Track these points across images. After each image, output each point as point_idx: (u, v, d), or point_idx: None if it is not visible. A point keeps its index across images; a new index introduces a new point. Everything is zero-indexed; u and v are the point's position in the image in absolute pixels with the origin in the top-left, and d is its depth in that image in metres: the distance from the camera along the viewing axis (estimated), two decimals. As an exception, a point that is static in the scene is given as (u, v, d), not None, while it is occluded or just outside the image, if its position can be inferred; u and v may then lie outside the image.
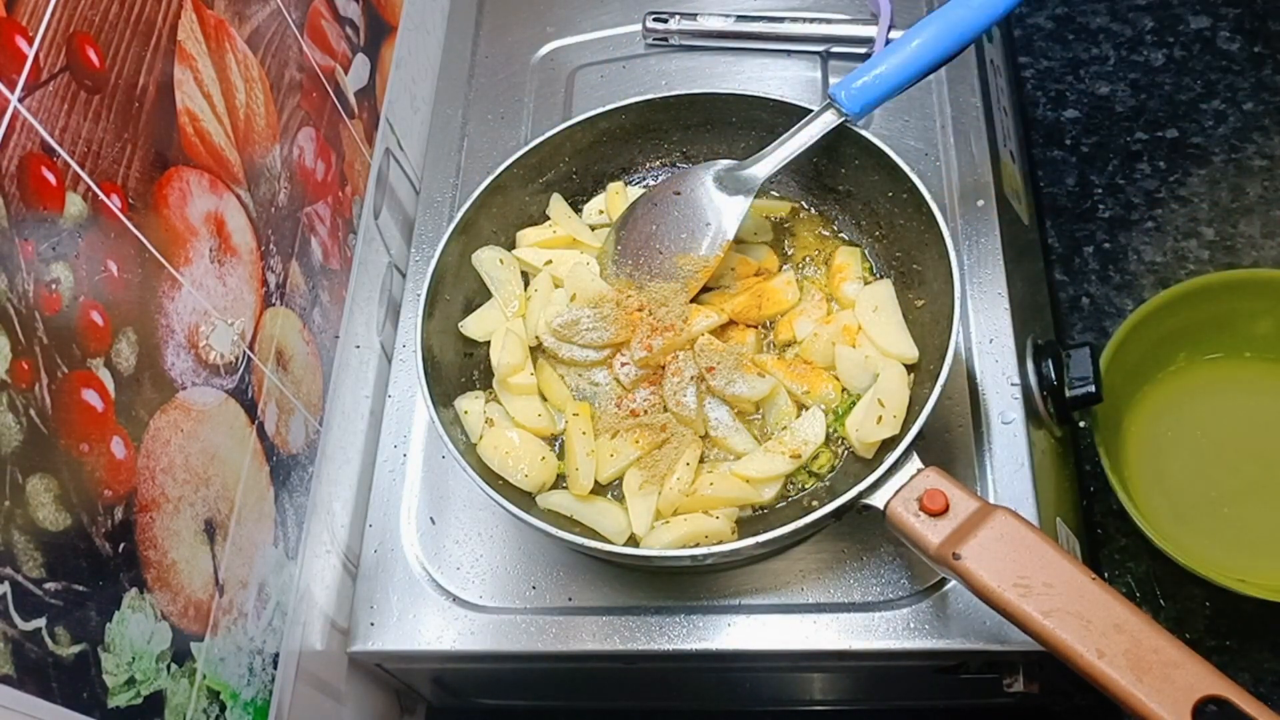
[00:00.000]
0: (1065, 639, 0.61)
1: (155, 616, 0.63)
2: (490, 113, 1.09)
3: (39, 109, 0.56)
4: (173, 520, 0.66)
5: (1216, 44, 1.26)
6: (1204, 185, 1.17)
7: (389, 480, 0.91)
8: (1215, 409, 1.03)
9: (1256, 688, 0.92)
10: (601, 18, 1.13)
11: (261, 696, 0.75)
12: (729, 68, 1.08)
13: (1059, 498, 0.90)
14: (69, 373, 0.58)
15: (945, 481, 0.70)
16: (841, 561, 0.82)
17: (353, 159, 0.96)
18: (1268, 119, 1.20)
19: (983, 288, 0.91)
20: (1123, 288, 1.13)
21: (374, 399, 0.97)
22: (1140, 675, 0.60)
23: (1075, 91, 1.27)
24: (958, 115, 1.00)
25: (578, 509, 0.80)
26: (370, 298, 0.98)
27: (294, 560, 0.82)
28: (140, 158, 0.65)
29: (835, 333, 0.83)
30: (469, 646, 0.83)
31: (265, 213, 0.80)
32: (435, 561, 0.87)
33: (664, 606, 0.82)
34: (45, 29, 0.57)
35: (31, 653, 0.53)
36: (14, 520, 0.53)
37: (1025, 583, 0.63)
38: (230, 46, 0.75)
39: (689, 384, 0.81)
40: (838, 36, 1.05)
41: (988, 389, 0.87)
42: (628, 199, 0.92)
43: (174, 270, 0.68)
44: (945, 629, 0.78)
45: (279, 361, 0.81)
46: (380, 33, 1.02)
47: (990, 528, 0.66)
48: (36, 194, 0.56)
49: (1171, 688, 0.59)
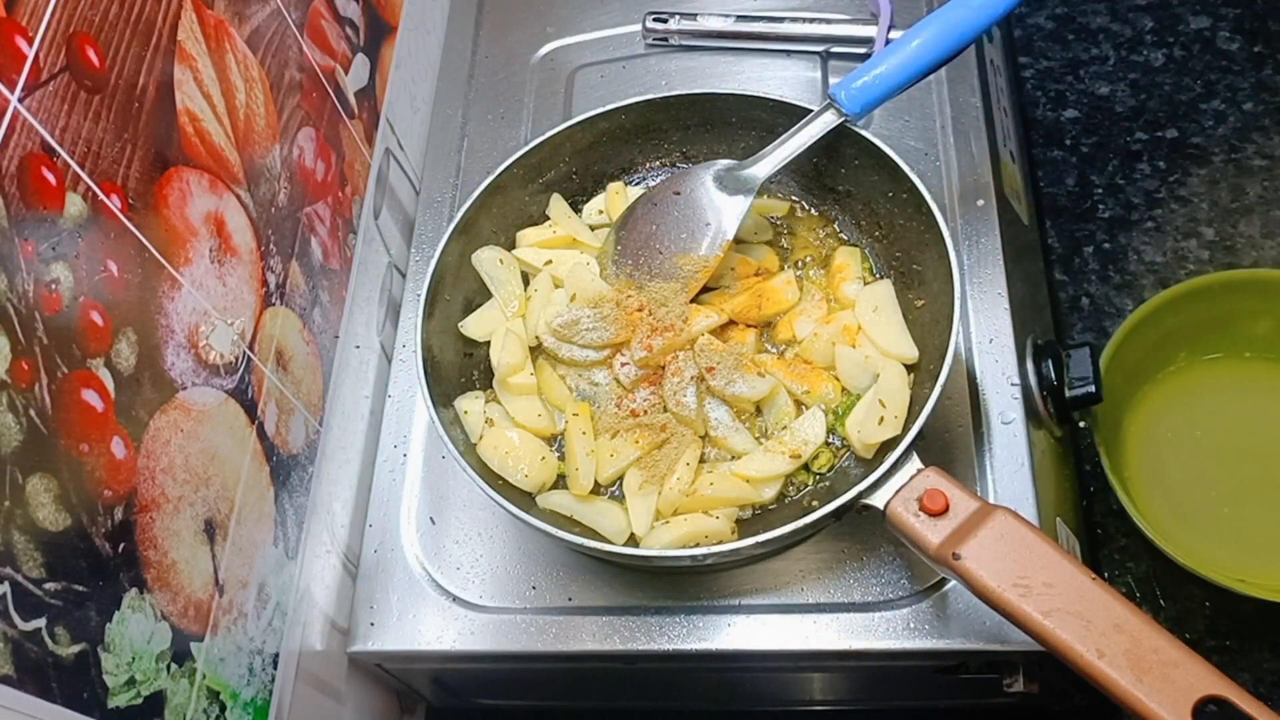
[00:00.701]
0: (1065, 639, 0.61)
1: (155, 616, 0.63)
2: (490, 113, 1.09)
3: (39, 109, 0.56)
4: (173, 520, 0.66)
5: (1216, 44, 1.27)
6: (1204, 185, 1.17)
7: (389, 480, 0.91)
8: (1215, 409, 1.03)
9: (1256, 688, 0.92)
10: (601, 18, 1.13)
11: (261, 696, 0.75)
12: (729, 68, 1.08)
13: (1059, 498, 0.90)
14: (69, 373, 0.58)
15: (945, 481, 0.70)
16: (841, 561, 0.82)
17: (353, 159, 0.96)
18: (1268, 119, 1.21)
19: (983, 288, 0.91)
20: (1123, 288, 1.13)
21: (374, 399, 0.97)
22: (1140, 675, 0.60)
23: (1075, 91, 1.27)
24: (958, 115, 1.00)
25: (578, 509, 0.80)
26: (370, 298, 0.98)
27: (294, 560, 0.82)
28: (140, 158, 0.65)
29: (835, 333, 0.83)
30: (469, 646, 0.83)
31: (265, 213, 0.80)
32: (435, 561, 0.87)
33: (664, 606, 0.82)
34: (45, 29, 0.57)
35: (31, 653, 0.53)
36: (14, 520, 0.53)
37: (1025, 583, 0.63)
38: (230, 46, 0.75)
39: (689, 384, 0.81)
40: (838, 36, 1.05)
41: (988, 389, 0.87)
42: (628, 199, 0.92)
43: (174, 270, 0.68)
44: (945, 629, 0.78)
45: (279, 361, 0.81)
46: (380, 33, 1.02)
47: (990, 528, 0.66)
48: (36, 194, 0.56)
49: (1171, 688, 0.59)
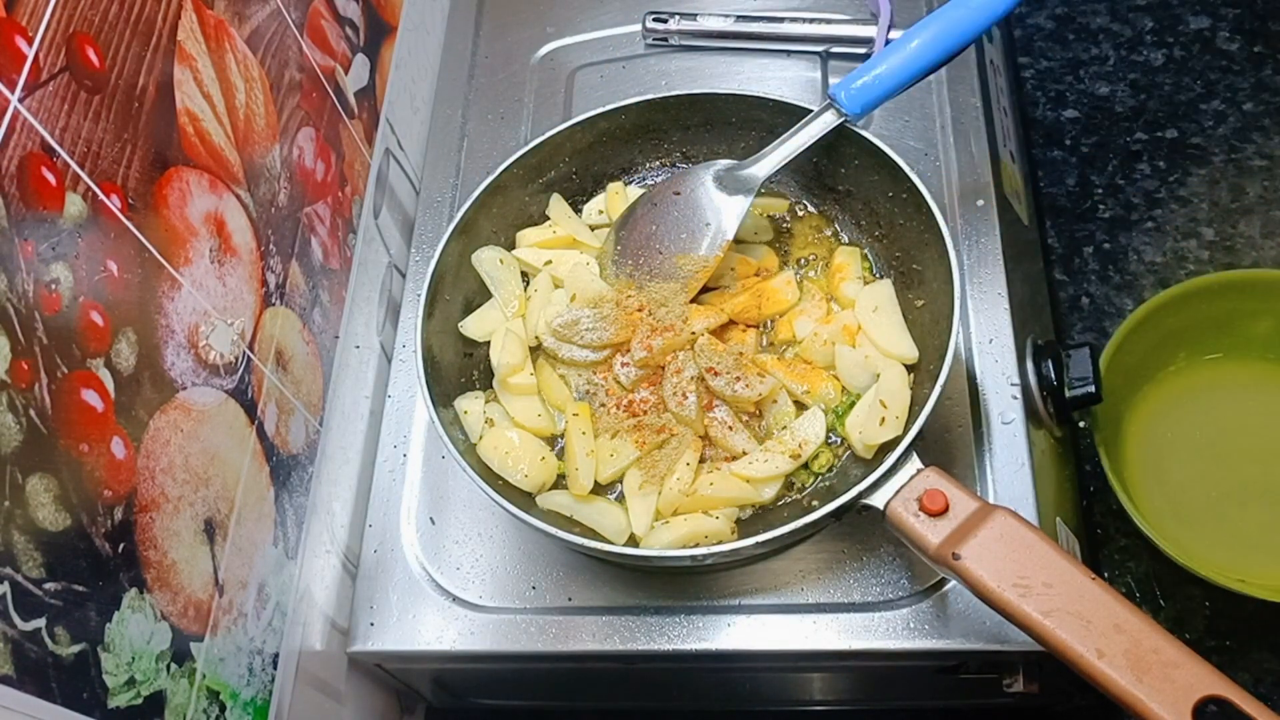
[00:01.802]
0: (1065, 639, 0.61)
1: (155, 616, 0.63)
2: (490, 113, 1.09)
3: (39, 109, 0.56)
4: (172, 520, 0.66)
5: (1216, 44, 1.27)
6: (1204, 185, 1.17)
7: (389, 480, 0.91)
8: (1215, 409, 1.03)
9: (1256, 688, 0.92)
10: (601, 18, 1.13)
11: (261, 696, 0.75)
12: (729, 68, 1.08)
13: (1059, 498, 0.90)
14: (69, 373, 0.58)
15: (945, 481, 0.70)
16: (841, 561, 0.82)
17: (353, 159, 0.96)
18: (1267, 119, 1.21)
19: (983, 288, 0.91)
20: (1123, 288, 1.13)
21: (374, 399, 0.97)
22: (1140, 675, 0.60)
23: (1075, 91, 1.27)
24: (958, 115, 1.00)
25: (578, 509, 0.80)
26: (370, 298, 0.98)
27: (294, 560, 0.82)
28: (140, 158, 0.65)
29: (835, 332, 0.83)
30: (469, 646, 0.83)
31: (265, 213, 0.80)
32: (435, 561, 0.87)
33: (664, 606, 0.82)
34: (45, 29, 0.57)
35: (31, 653, 0.53)
36: (14, 520, 0.53)
37: (1025, 583, 0.63)
38: (230, 46, 0.75)
39: (689, 384, 0.81)
40: (838, 36, 1.05)
41: (988, 389, 0.87)
42: (628, 199, 0.92)
43: (174, 270, 0.68)
44: (945, 629, 0.78)
45: (279, 361, 0.81)
46: (380, 33, 1.02)
47: (990, 528, 0.66)
48: (36, 194, 0.56)
49: (1171, 688, 0.59)
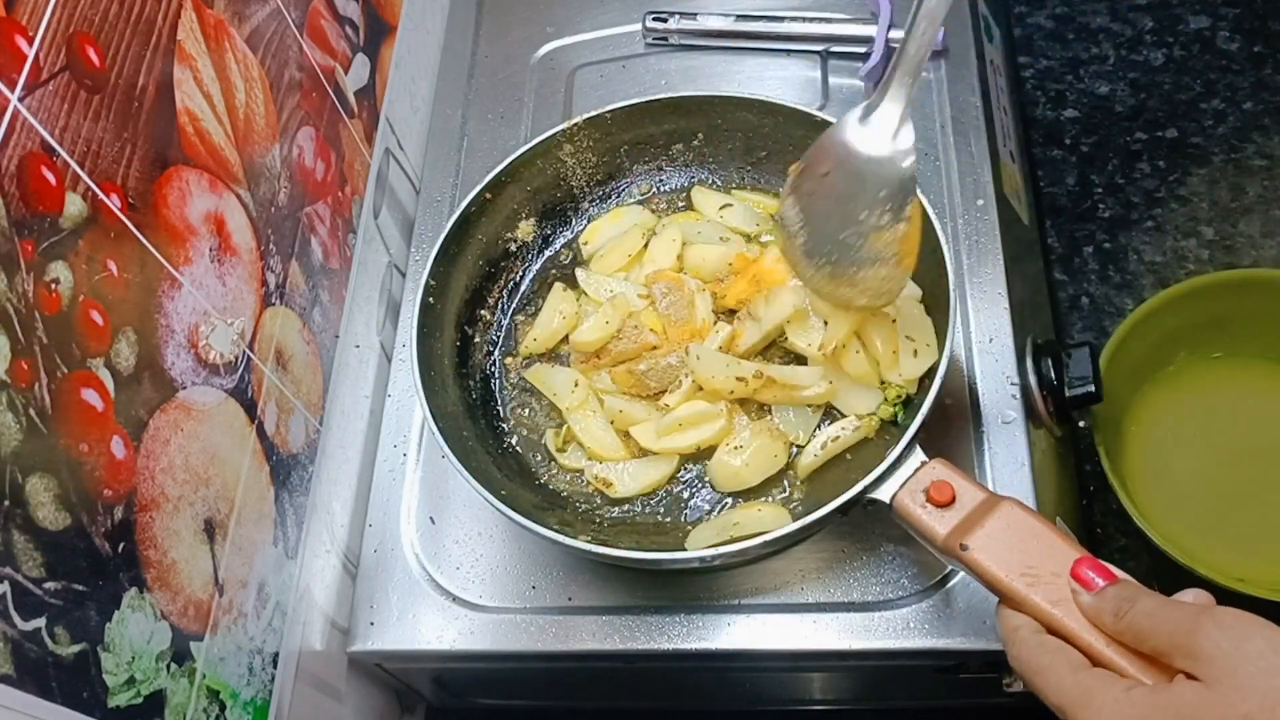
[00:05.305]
0: (1074, 628, 0.61)
1: (155, 616, 0.63)
2: (490, 112, 1.09)
3: (39, 109, 0.56)
4: (172, 520, 0.66)
5: (1216, 44, 1.27)
6: (1204, 185, 1.17)
7: (389, 480, 0.91)
8: (1215, 409, 1.03)
9: (1256, 687, 0.92)
10: (601, 17, 1.13)
11: (261, 696, 0.75)
12: (729, 67, 1.08)
13: (1059, 497, 0.90)
14: (69, 373, 0.57)
15: (951, 473, 0.70)
16: (841, 561, 0.82)
17: (352, 159, 0.96)
18: (1267, 119, 1.21)
19: (982, 288, 0.91)
20: (1123, 287, 1.13)
21: (374, 399, 0.97)
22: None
23: (1075, 91, 1.27)
24: (958, 115, 1.00)
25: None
26: (370, 297, 0.98)
27: (294, 560, 0.82)
28: (140, 157, 0.65)
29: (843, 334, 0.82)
30: (469, 646, 0.83)
31: (265, 212, 0.80)
32: (435, 561, 0.87)
33: (664, 606, 0.82)
34: (45, 29, 0.57)
35: (31, 653, 0.53)
36: (14, 520, 0.53)
37: (1033, 572, 0.63)
38: (230, 46, 0.75)
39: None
40: (838, 36, 1.05)
41: (987, 389, 0.87)
42: (602, 234, 0.92)
43: (174, 270, 0.68)
44: (945, 629, 0.78)
45: (279, 361, 0.81)
46: (380, 32, 1.02)
47: (997, 518, 0.66)
48: (36, 194, 0.56)
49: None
